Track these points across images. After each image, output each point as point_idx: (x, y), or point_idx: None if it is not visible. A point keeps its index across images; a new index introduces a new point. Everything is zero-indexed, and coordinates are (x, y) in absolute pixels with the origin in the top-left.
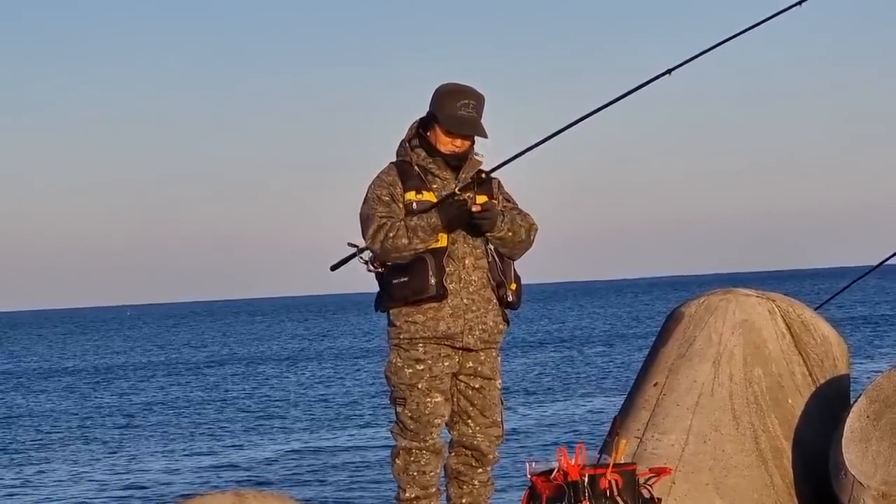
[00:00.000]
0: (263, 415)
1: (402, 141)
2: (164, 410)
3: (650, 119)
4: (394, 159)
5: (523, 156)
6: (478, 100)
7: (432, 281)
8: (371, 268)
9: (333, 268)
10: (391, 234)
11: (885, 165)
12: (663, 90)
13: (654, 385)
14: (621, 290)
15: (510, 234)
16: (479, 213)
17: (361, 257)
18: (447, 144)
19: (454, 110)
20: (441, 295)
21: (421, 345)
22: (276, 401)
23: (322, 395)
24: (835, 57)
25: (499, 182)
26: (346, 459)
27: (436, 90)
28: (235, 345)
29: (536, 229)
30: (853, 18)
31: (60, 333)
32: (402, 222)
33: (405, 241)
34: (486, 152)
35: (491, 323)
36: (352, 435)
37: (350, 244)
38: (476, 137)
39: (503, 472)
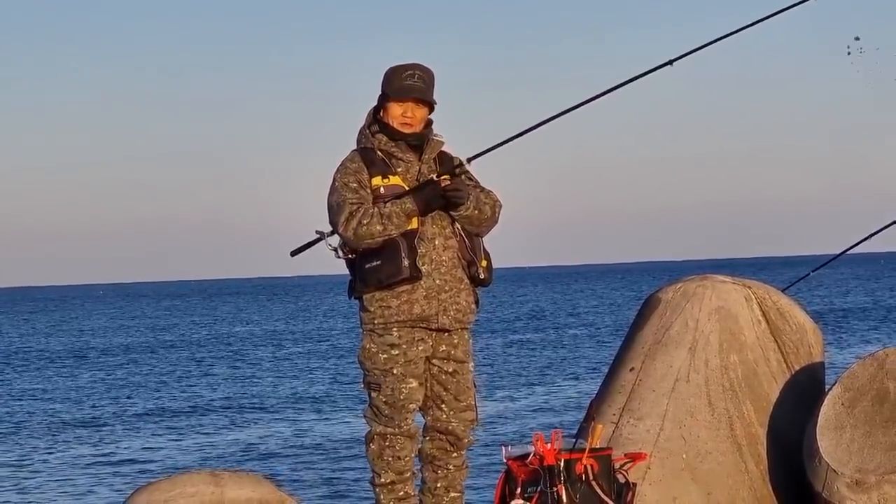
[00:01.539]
0: (241, 397)
1: (362, 128)
2: (141, 391)
3: (630, 106)
4: (355, 147)
5: (508, 142)
6: (424, 71)
7: (406, 263)
8: (340, 254)
9: (294, 253)
10: (364, 221)
11: (862, 157)
12: (653, 79)
13: (631, 370)
14: (598, 276)
15: (476, 211)
16: (450, 187)
17: (329, 244)
18: (399, 117)
19: (401, 81)
20: (415, 277)
21: (395, 329)
22: (253, 383)
23: (299, 377)
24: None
25: (460, 160)
26: (322, 442)
27: (384, 72)
28: (213, 325)
29: (501, 206)
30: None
31: (29, 311)
32: (376, 209)
33: (379, 227)
34: (451, 132)
35: (464, 303)
36: (327, 418)
37: (317, 231)
38: (438, 135)
39: (479, 456)
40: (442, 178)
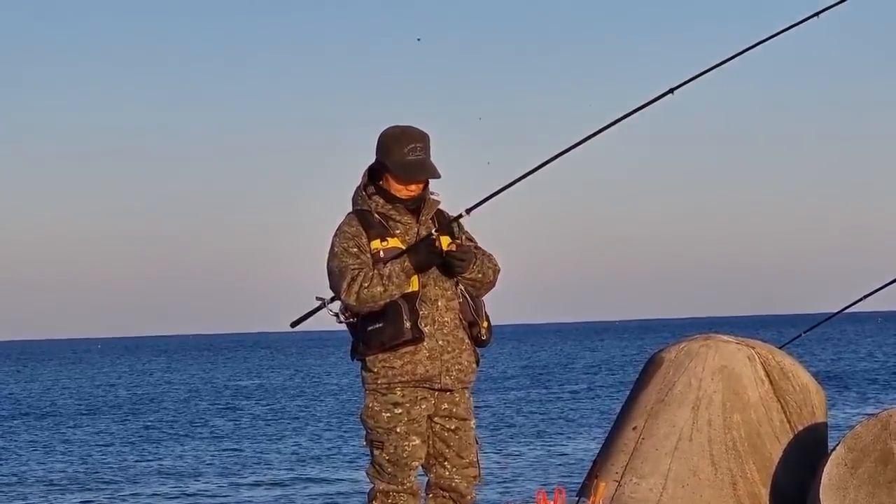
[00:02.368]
0: (241, 453)
1: (357, 189)
2: (141, 446)
3: (630, 160)
4: (350, 208)
5: (504, 190)
6: (423, 140)
7: (408, 325)
8: (342, 319)
9: (294, 324)
10: (365, 285)
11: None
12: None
13: (634, 429)
14: (601, 333)
15: (480, 275)
16: (454, 253)
17: (331, 309)
18: (402, 191)
19: (402, 157)
20: (417, 338)
21: (399, 389)
22: (253, 439)
23: (299, 433)
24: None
25: (459, 215)
26: (324, 499)
27: (379, 137)
28: (212, 379)
29: (499, 271)
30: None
31: (23, 365)
32: (376, 271)
33: (380, 289)
34: (444, 189)
35: (465, 363)
36: (328, 474)
37: (318, 298)
38: (434, 193)
39: None
40: (448, 243)
